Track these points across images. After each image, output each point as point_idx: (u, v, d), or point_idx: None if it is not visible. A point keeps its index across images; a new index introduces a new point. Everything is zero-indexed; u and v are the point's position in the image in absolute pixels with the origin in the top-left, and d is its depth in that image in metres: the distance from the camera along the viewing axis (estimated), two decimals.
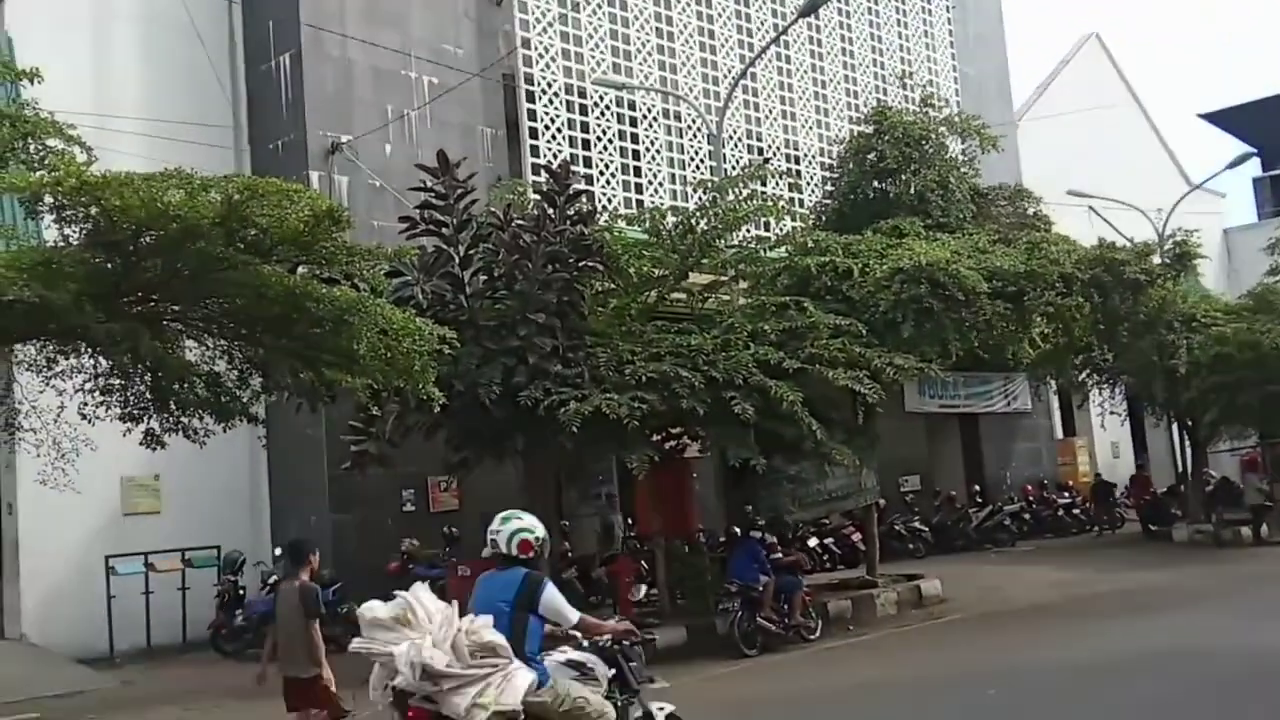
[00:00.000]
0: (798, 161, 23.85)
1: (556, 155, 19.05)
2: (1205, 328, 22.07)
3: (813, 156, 24.21)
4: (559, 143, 19.83)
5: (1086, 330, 20.41)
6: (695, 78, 22.11)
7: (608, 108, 20.80)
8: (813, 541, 20.04)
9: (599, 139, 20.59)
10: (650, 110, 21.58)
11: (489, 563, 6.57)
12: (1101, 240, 21.07)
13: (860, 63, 25.53)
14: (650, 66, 21.34)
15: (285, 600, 8.87)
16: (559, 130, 19.94)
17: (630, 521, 17.60)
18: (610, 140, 20.76)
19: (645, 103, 21.47)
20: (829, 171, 22.92)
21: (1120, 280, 18.52)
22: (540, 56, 19.80)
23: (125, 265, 8.99)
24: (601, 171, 20.50)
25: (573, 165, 16.44)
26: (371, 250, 10.67)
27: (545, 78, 19.81)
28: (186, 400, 10.24)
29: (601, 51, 20.65)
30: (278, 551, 15.67)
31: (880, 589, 16.72)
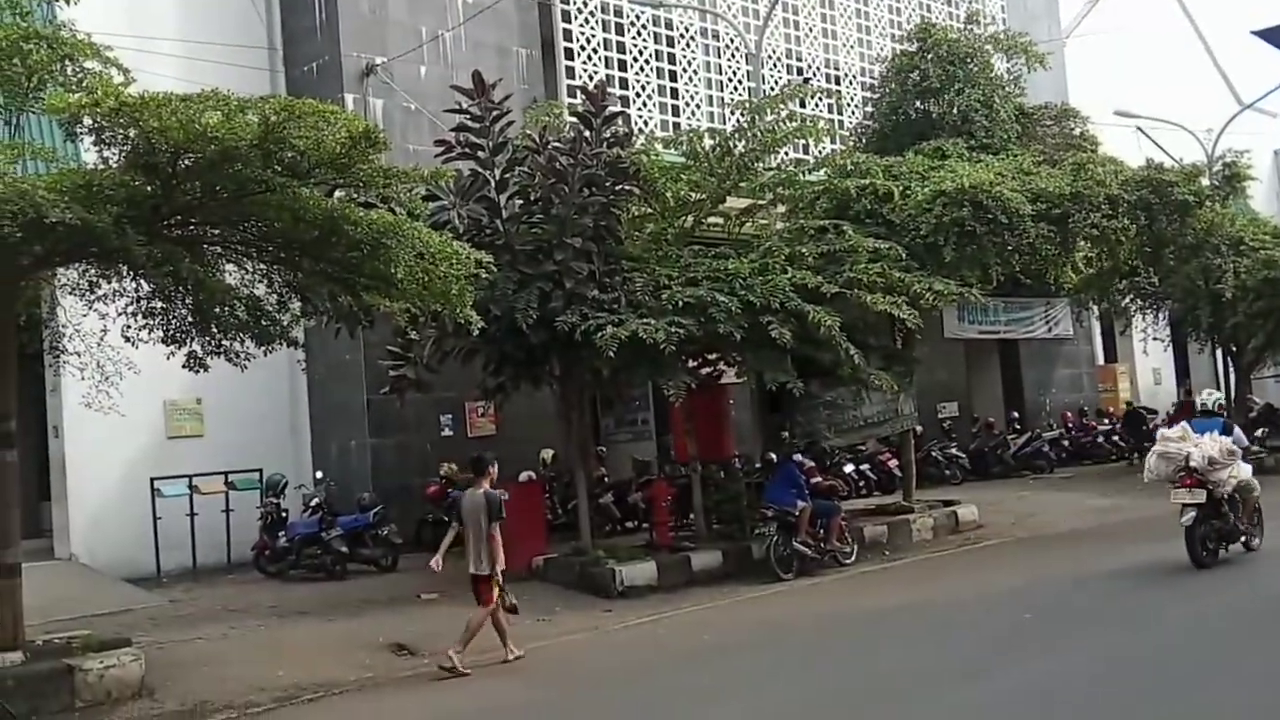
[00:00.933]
0: (838, 81, 23.38)
1: (592, 77, 18.79)
2: (1253, 251, 21.60)
3: (854, 76, 23.74)
4: (595, 64, 19.55)
5: (1131, 254, 20.03)
6: None
7: (644, 27, 20.44)
8: (849, 468, 20.04)
9: (635, 60, 20.27)
10: (687, 29, 21.19)
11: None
12: (1149, 161, 20.66)
13: None
14: None
15: (471, 505, 9.95)
16: (595, 51, 19.65)
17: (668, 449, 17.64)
18: (647, 61, 20.43)
19: (682, 21, 21.07)
20: (870, 92, 22.47)
21: (1167, 202, 18.22)
22: None
23: (164, 188, 8.98)
24: (638, 93, 20.22)
25: (609, 87, 16.23)
26: (408, 173, 10.58)
27: None
28: (227, 323, 10.29)
29: None
30: (319, 475, 15.91)
31: (916, 515, 16.73)
